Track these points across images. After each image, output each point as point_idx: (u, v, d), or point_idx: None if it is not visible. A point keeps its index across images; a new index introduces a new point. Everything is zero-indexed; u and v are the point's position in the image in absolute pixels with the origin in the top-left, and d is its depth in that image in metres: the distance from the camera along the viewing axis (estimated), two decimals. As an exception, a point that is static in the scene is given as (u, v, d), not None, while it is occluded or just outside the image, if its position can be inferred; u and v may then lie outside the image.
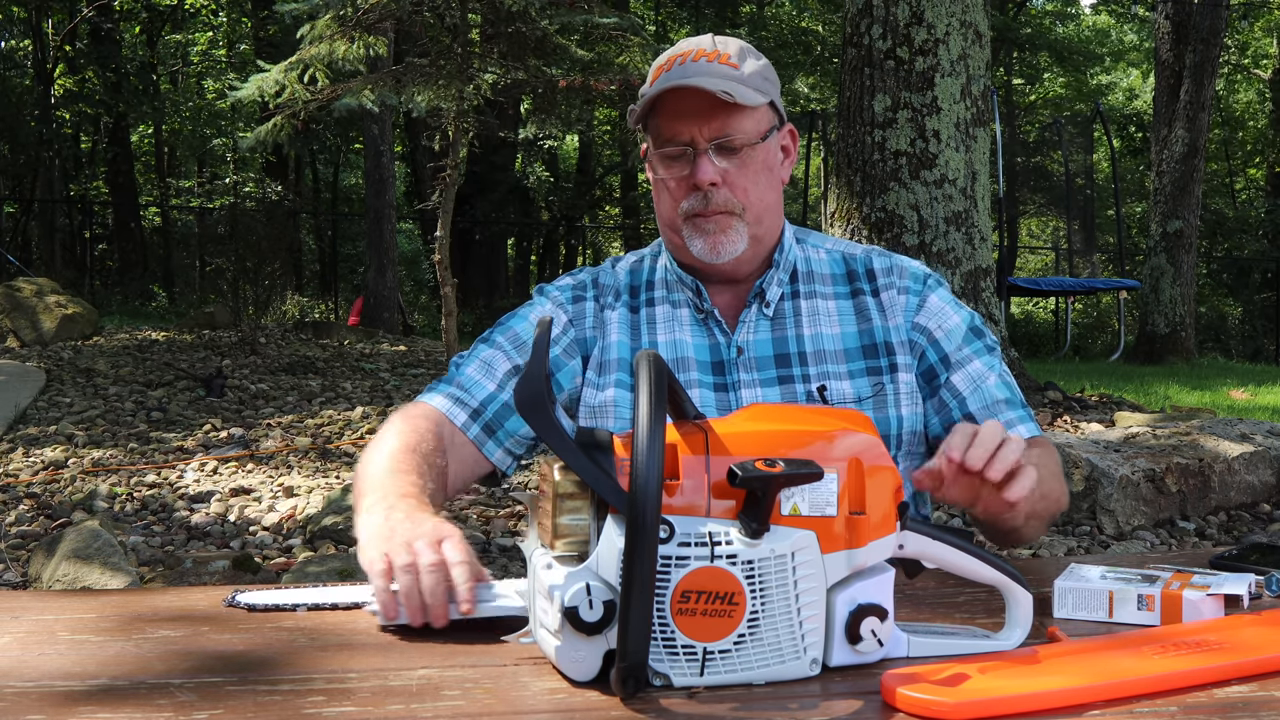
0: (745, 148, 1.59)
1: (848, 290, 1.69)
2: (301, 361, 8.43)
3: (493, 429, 1.67)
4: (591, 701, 1.02)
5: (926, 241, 6.10)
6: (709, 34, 1.69)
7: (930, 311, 1.68)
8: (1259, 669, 1.07)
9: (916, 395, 1.66)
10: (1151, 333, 13.44)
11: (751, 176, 1.61)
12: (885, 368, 1.65)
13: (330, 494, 4.74)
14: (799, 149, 1.75)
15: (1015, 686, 1.02)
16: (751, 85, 1.59)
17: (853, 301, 1.68)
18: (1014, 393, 1.68)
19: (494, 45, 7.24)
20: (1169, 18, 13.66)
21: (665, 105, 1.59)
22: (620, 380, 1.66)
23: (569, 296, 1.73)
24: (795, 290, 1.69)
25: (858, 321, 1.67)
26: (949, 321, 1.67)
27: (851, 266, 1.71)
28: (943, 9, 6.12)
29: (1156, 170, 13.55)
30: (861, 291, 1.69)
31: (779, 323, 1.66)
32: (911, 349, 1.66)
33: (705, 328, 1.67)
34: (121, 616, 1.31)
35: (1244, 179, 26.20)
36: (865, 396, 1.63)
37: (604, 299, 1.72)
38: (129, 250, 19.09)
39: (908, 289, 1.68)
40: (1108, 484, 4.46)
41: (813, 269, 1.71)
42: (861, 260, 1.72)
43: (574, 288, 1.74)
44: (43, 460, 5.65)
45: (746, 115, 1.59)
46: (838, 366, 1.64)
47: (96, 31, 18.74)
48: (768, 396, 1.61)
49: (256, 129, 7.44)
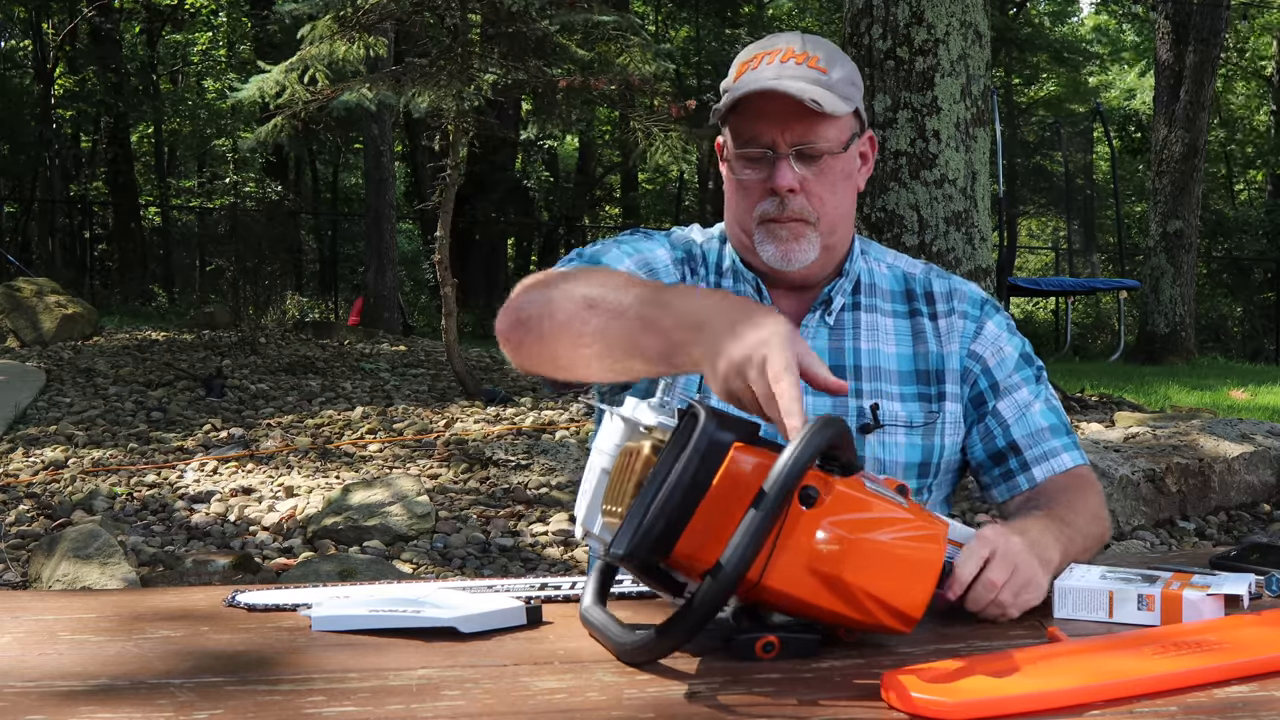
0: (826, 155, 1.57)
1: (906, 310, 1.68)
2: (301, 361, 8.43)
3: None
4: (591, 701, 1.02)
5: (926, 241, 6.10)
6: (798, 32, 1.67)
7: (986, 339, 1.67)
8: (1259, 669, 1.07)
9: (960, 426, 1.65)
10: (1151, 333, 13.44)
11: (829, 185, 1.58)
12: (935, 395, 1.64)
13: (330, 494, 4.74)
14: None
15: (1015, 686, 1.02)
16: (838, 92, 1.56)
17: (910, 322, 1.67)
18: (1060, 418, 1.67)
19: (494, 45, 7.24)
20: (1169, 18, 13.66)
21: (749, 105, 1.56)
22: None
23: (680, 256, 1.69)
24: (856, 302, 1.66)
25: (914, 344, 1.66)
26: (1004, 350, 1.67)
27: (911, 286, 1.69)
28: (943, 9, 6.12)
29: (1156, 170, 13.55)
30: (919, 313, 1.67)
31: (838, 332, 1.64)
32: (964, 377, 1.66)
33: None
34: (121, 616, 1.31)
35: (1244, 179, 26.20)
36: (917, 423, 1.62)
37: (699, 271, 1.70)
38: (129, 250, 19.08)
39: (966, 314, 1.67)
40: (1108, 484, 4.46)
41: (875, 282, 1.68)
42: (921, 281, 1.70)
43: (685, 249, 1.70)
44: (43, 460, 5.65)
45: (830, 123, 1.56)
46: (890, 386, 1.63)
47: (97, 32, 18.74)
48: (819, 406, 1.58)
49: (257, 129, 7.44)
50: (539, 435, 5.81)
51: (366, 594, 1.35)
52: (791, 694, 1.04)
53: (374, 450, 5.68)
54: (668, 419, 1.19)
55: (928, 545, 1.13)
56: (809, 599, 1.11)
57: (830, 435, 1.09)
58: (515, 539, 4.37)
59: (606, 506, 1.21)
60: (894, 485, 1.17)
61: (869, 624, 1.13)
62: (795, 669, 1.10)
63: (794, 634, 1.13)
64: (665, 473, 1.11)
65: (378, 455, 5.59)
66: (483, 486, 4.99)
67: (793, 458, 1.07)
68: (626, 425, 1.22)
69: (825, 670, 1.11)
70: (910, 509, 1.14)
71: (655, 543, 1.09)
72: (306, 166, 22.34)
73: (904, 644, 1.18)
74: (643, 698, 1.03)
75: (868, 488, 1.13)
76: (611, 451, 1.22)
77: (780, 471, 1.06)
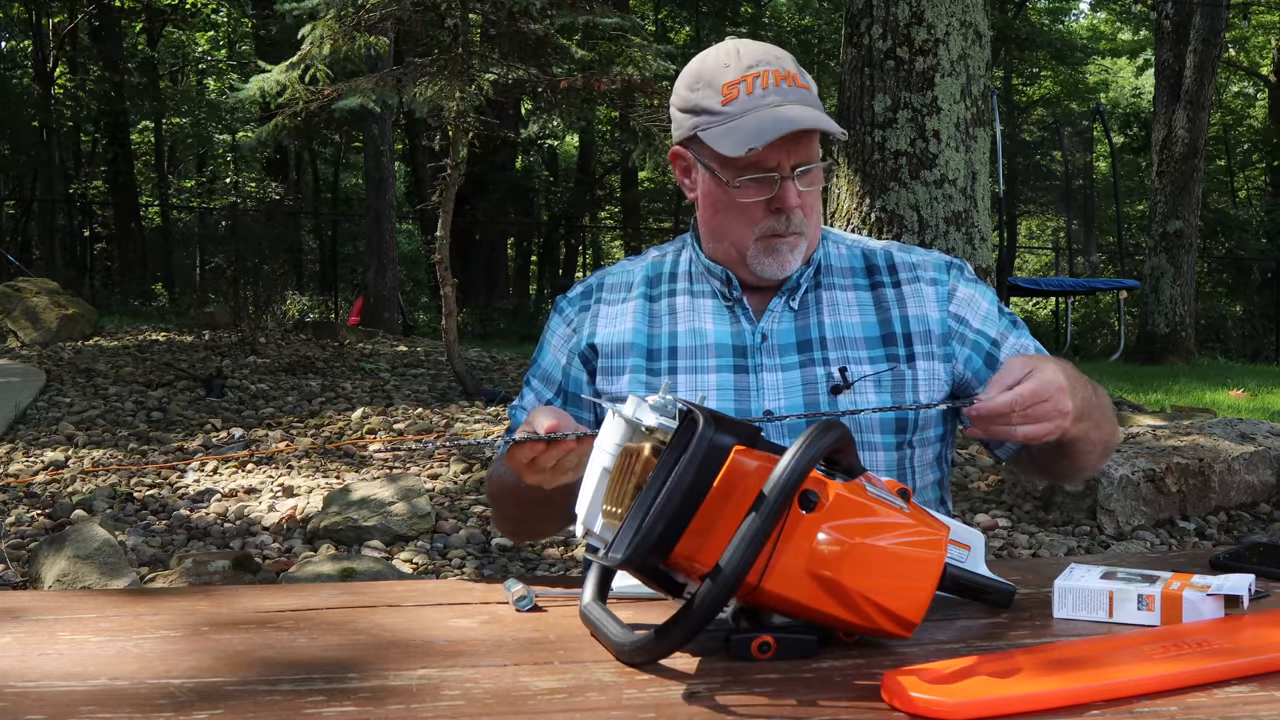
0: (815, 170, 1.66)
1: (867, 283, 1.74)
2: (301, 361, 8.43)
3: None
4: (591, 701, 1.02)
5: (926, 241, 6.10)
6: (745, 40, 1.71)
7: (961, 299, 1.73)
8: (1259, 669, 1.07)
9: (936, 384, 1.69)
10: (1151, 333, 13.44)
11: (816, 195, 1.68)
12: (903, 356, 1.69)
13: (330, 494, 4.73)
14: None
15: (1015, 686, 1.02)
16: (821, 106, 1.65)
17: (872, 294, 1.73)
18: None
19: (494, 45, 7.24)
20: (1169, 18, 13.66)
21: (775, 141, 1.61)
22: (635, 366, 1.70)
23: (577, 309, 1.80)
24: (817, 282, 1.73)
25: (877, 312, 1.71)
26: (980, 305, 1.74)
27: (871, 261, 1.76)
28: (943, 9, 6.12)
29: (1156, 170, 13.54)
30: (881, 284, 1.73)
31: (802, 313, 1.71)
32: (950, 338, 1.71)
33: (731, 314, 1.71)
34: (121, 616, 1.31)
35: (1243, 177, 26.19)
36: (885, 382, 1.67)
37: (609, 296, 1.77)
38: (129, 250, 19.07)
39: (935, 280, 1.73)
40: (1108, 484, 4.46)
41: (832, 263, 1.75)
42: (882, 255, 1.76)
43: (582, 296, 1.81)
44: (43, 460, 5.65)
45: (816, 139, 1.65)
46: (858, 352, 1.69)
47: (97, 31, 18.74)
48: (789, 380, 1.65)
49: (258, 129, 7.43)
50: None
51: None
52: (791, 694, 1.04)
53: (374, 449, 5.68)
54: (668, 420, 1.20)
55: (928, 550, 1.13)
56: (808, 602, 1.11)
57: (831, 440, 1.09)
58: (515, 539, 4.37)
59: (607, 507, 1.22)
60: (895, 489, 1.17)
61: (868, 628, 1.13)
62: (794, 669, 1.10)
63: (791, 634, 1.13)
64: (664, 476, 1.11)
65: (378, 455, 5.59)
66: (483, 486, 5.00)
67: (793, 461, 1.07)
68: (628, 425, 1.23)
69: (825, 670, 1.11)
70: (911, 513, 1.14)
71: (654, 547, 1.09)
72: (307, 166, 22.34)
73: (904, 644, 1.18)
74: (643, 698, 1.03)
75: (869, 492, 1.13)
76: (613, 451, 1.23)
77: (781, 475, 1.07)
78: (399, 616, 1.31)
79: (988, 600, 1.30)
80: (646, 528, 1.09)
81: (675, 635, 1.08)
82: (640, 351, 1.71)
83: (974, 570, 1.31)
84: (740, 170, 1.63)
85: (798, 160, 1.62)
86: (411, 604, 1.37)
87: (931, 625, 1.22)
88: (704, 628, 1.08)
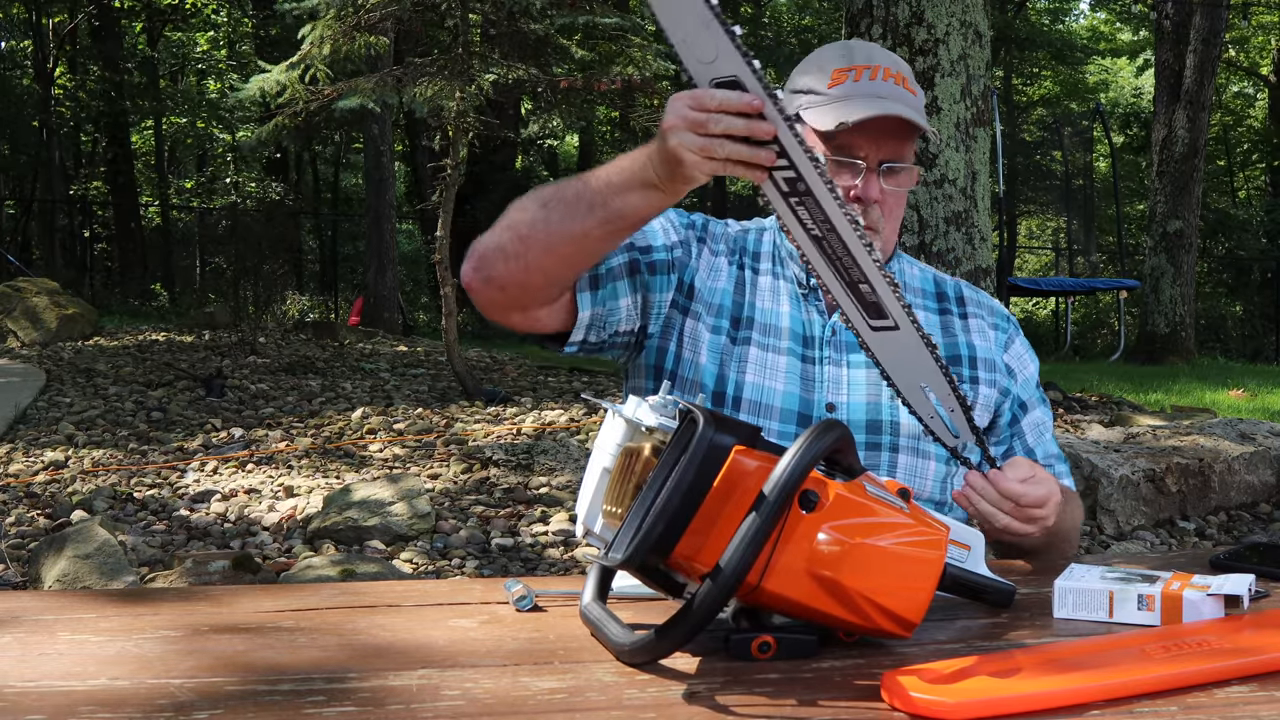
0: (904, 173, 1.67)
1: (937, 308, 1.78)
2: (301, 361, 8.44)
3: (598, 285, 1.64)
4: (591, 701, 1.02)
5: (926, 241, 6.10)
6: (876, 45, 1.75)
7: (1015, 354, 1.79)
8: (1259, 669, 1.07)
9: (989, 411, 1.75)
10: (1151, 333, 13.44)
11: (900, 200, 1.69)
12: (968, 378, 1.74)
13: (330, 494, 4.73)
14: None
15: (1015, 686, 1.02)
16: (924, 115, 1.67)
17: (940, 318, 1.78)
18: (1059, 449, 1.82)
19: (494, 45, 7.24)
20: (1169, 18, 13.66)
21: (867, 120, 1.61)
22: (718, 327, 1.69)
23: (684, 223, 1.75)
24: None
25: (943, 335, 1.76)
26: (1028, 368, 1.80)
27: (942, 289, 1.81)
28: (943, 9, 6.12)
29: (1156, 170, 13.54)
30: (949, 312, 1.78)
31: None
32: (1001, 376, 1.77)
33: (805, 304, 1.72)
34: (122, 617, 1.31)
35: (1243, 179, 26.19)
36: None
37: (712, 244, 1.75)
38: (129, 250, 19.07)
39: (996, 325, 1.80)
40: (1108, 484, 4.46)
41: (906, 280, 1.79)
42: (952, 286, 1.82)
43: (689, 219, 1.77)
44: (43, 460, 5.65)
45: (913, 143, 1.67)
46: None
47: (98, 31, 18.74)
48: (854, 378, 1.67)
49: (258, 129, 7.43)
50: (539, 435, 5.81)
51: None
52: (791, 694, 1.04)
53: (374, 450, 5.68)
54: (669, 420, 1.20)
55: (928, 550, 1.13)
56: (808, 602, 1.11)
57: (832, 440, 1.09)
58: (515, 539, 4.37)
59: (607, 507, 1.22)
60: (896, 489, 1.17)
61: (868, 628, 1.13)
62: (794, 669, 1.10)
63: (791, 634, 1.13)
64: (664, 476, 1.11)
65: (378, 455, 5.59)
66: (483, 486, 5.00)
67: (793, 461, 1.07)
68: (628, 425, 1.23)
69: (825, 670, 1.11)
70: (912, 513, 1.14)
71: (654, 547, 1.09)
72: (307, 166, 22.33)
73: (904, 644, 1.18)
74: (643, 698, 1.03)
75: (869, 492, 1.13)
76: (613, 451, 1.23)
77: (781, 475, 1.07)
78: (399, 617, 1.31)
79: (988, 600, 1.30)
80: (646, 528, 1.09)
81: (675, 635, 1.08)
82: (727, 314, 1.70)
83: (974, 570, 1.31)
84: (833, 150, 1.64)
85: (887, 156, 1.64)
86: (411, 604, 1.37)
87: (931, 625, 1.22)
88: (704, 628, 1.08)
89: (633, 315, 1.67)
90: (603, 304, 1.65)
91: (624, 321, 1.67)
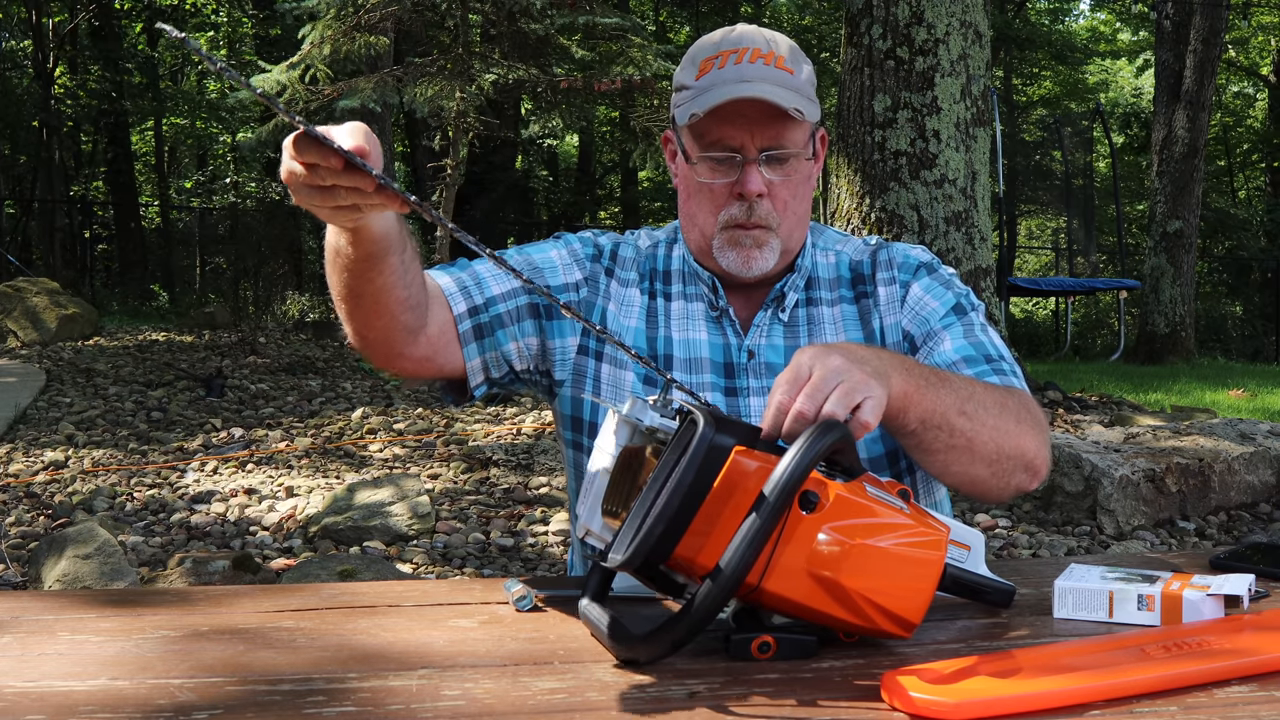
0: (792, 159, 1.55)
1: (852, 295, 1.66)
2: (301, 361, 8.43)
3: (483, 334, 1.59)
4: (591, 701, 1.02)
5: (926, 241, 6.10)
6: (753, 25, 1.62)
7: (912, 302, 1.63)
8: (1259, 669, 1.07)
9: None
10: (1151, 333, 13.44)
11: (793, 189, 1.57)
12: None
13: (331, 494, 4.73)
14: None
15: (1015, 686, 1.02)
16: (805, 94, 1.54)
17: (856, 307, 1.65)
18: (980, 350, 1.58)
19: (495, 45, 7.24)
20: (1169, 18, 13.65)
21: (719, 107, 1.52)
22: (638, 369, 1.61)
23: (589, 254, 1.68)
24: (809, 297, 1.65)
25: (861, 327, 1.64)
26: (929, 305, 1.62)
27: (859, 271, 1.67)
28: (943, 9, 6.12)
29: (1156, 170, 13.54)
30: (865, 295, 1.65)
31: (792, 330, 1.63)
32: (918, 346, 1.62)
33: (719, 326, 1.63)
34: (122, 617, 1.31)
35: (1243, 179, 26.19)
36: None
37: (621, 272, 1.67)
38: (129, 250, 19.07)
39: (894, 279, 1.65)
40: (1108, 484, 4.46)
41: (823, 275, 1.67)
42: (866, 263, 1.67)
43: (595, 248, 1.69)
44: (43, 460, 5.65)
45: (797, 126, 1.54)
46: None
47: (98, 31, 18.74)
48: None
49: (258, 129, 7.44)
50: (539, 435, 5.81)
51: None
52: (791, 694, 1.04)
53: (374, 450, 5.68)
54: (668, 420, 1.20)
55: (928, 550, 1.13)
56: (808, 603, 1.11)
57: (832, 440, 1.09)
58: (516, 539, 4.37)
59: (607, 507, 1.22)
60: (896, 489, 1.17)
61: (868, 628, 1.13)
62: (795, 669, 1.10)
63: (791, 635, 1.14)
64: (665, 477, 1.11)
65: (378, 455, 5.59)
66: (483, 486, 5.00)
67: (794, 462, 1.07)
68: (628, 425, 1.23)
69: (825, 670, 1.11)
70: (912, 514, 1.14)
71: (654, 548, 1.10)
72: (307, 166, 22.23)
73: (904, 644, 1.18)
74: (643, 698, 1.03)
75: (869, 492, 1.13)
76: (613, 451, 1.23)
77: (781, 476, 1.07)
78: (399, 617, 1.31)
79: (988, 600, 1.30)
80: (647, 529, 1.09)
81: (675, 635, 1.08)
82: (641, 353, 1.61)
83: (974, 570, 1.31)
84: (703, 147, 1.55)
85: (765, 144, 1.52)
86: (411, 604, 1.37)
87: (931, 625, 1.22)
88: (704, 628, 1.08)
89: (525, 356, 1.61)
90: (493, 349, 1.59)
91: (517, 361, 1.61)
